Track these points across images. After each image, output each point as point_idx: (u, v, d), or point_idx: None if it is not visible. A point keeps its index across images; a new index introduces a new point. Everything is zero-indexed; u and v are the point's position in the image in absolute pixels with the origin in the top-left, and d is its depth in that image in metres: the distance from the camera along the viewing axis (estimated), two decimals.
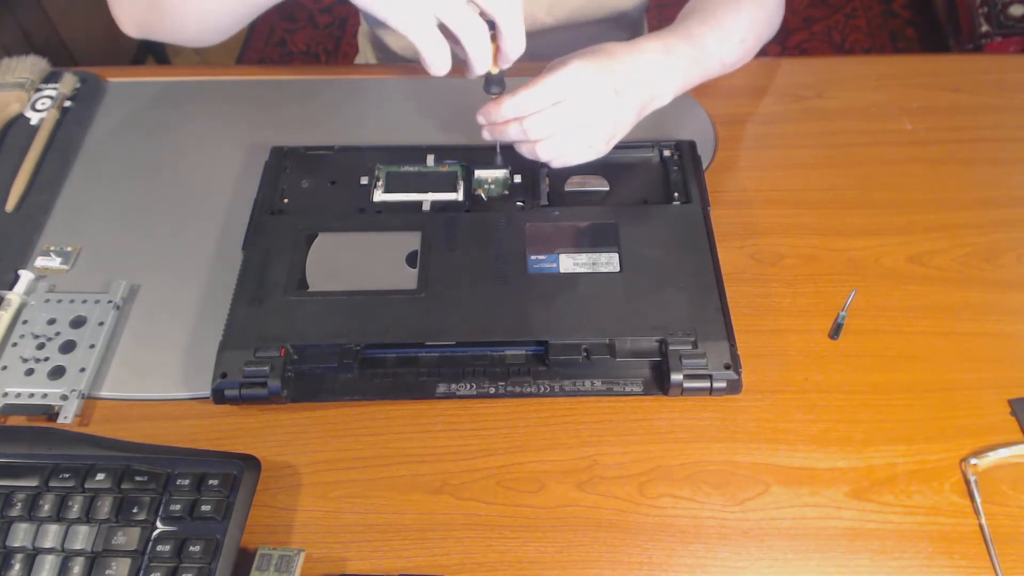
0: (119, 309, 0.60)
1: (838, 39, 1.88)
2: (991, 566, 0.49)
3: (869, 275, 0.62)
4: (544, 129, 0.59)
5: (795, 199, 0.67)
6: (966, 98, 0.74)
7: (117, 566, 0.47)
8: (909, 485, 0.52)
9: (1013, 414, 0.55)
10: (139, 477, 0.49)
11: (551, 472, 0.53)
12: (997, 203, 0.66)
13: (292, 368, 0.55)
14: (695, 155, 0.66)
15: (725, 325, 0.56)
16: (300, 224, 0.62)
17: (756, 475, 0.52)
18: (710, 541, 0.50)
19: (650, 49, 0.63)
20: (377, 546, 0.50)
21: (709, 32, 0.67)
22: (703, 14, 0.68)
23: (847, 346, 0.58)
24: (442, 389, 0.55)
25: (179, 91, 0.76)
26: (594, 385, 0.55)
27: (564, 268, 0.59)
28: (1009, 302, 0.60)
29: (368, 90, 0.75)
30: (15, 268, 0.62)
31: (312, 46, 1.91)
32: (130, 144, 0.71)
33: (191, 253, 0.63)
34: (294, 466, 0.53)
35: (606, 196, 0.65)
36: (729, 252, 0.62)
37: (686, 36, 0.66)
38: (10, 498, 0.49)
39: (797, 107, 0.73)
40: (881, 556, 0.49)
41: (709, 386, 0.54)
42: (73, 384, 0.56)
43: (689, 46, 0.65)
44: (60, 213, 0.66)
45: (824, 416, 0.55)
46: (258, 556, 0.48)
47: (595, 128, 0.61)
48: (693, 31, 0.66)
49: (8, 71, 0.74)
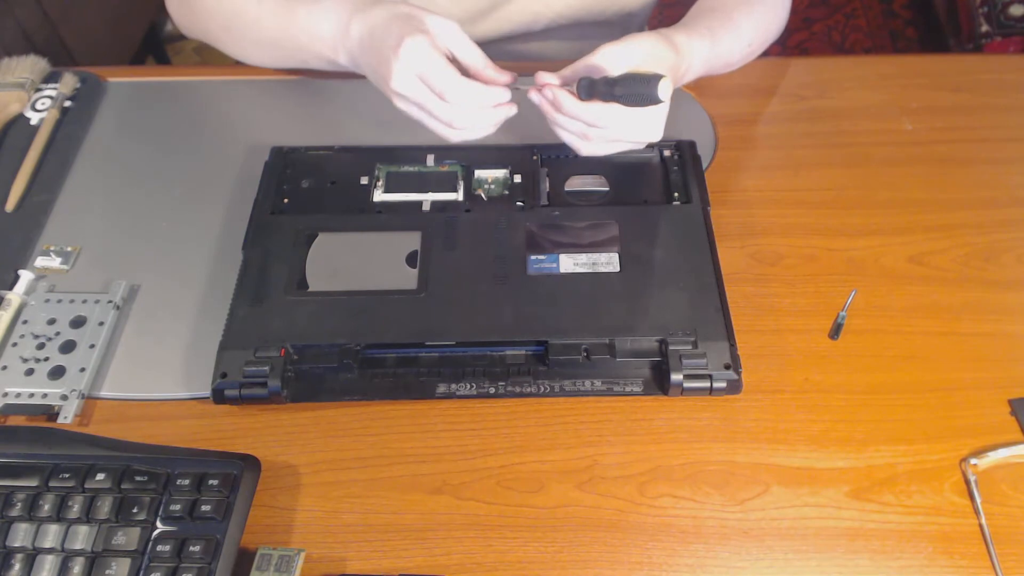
0: (119, 309, 0.60)
1: (838, 39, 1.88)
2: (991, 566, 0.49)
3: (869, 275, 0.62)
4: (613, 135, 0.59)
5: (795, 199, 0.67)
6: (966, 98, 0.74)
7: (117, 566, 0.47)
8: (909, 485, 0.52)
9: (1013, 414, 0.55)
10: (139, 477, 0.49)
11: (551, 472, 0.53)
12: (997, 203, 0.66)
13: (292, 368, 0.55)
14: (695, 155, 0.66)
15: (725, 325, 0.56)
16: (300, 224, 0.62)
17: (756, 475, 0.52)
18: (710, 541, 0.50)
19: (680, 42, 0.62)
20: (377, 546, 0.50)
21: (725, 34, 0.67)
22: (720, 14, 0.67)
23: (847, 346, 0.58)
24: (442, 389, 0.55)
25: (179, 91, 0.76)
26: (594, 385, 0.55)
27: (564, 268, 0.59)
28: (1009, 302, 0.60)
29: (368, 90, 0.75)
30: (15, 268, 0.62)
31: None
32: (130, 144, 0.71)
33: (191, 253, 0.63)
34: (294, 466, 0.53)
35: (606, 196, 0.65)
36: (729, 252, 0.62)
37: (708, 34, 0.65)
38: (10, 498, 0.49)
39: (797, 107, 0.73)
40: (881, 556, 0.49)
41: (709, 386, 0.54)
42: (73, 384, 0.56)
43: (706, 45, 0.64)
44: (60, 213, 0.66)
45: (824, 416, 0.55)
46: (258, 556, 0.48)
47: (658, 126, 0.60)
48: (715, 30, 0.65)
49: (8, 71, 0.74)
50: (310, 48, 0.66)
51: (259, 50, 0.71)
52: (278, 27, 0.67)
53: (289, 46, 0.68)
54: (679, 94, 0.74)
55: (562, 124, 0.59)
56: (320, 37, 0.64)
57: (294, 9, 0.65)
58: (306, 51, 0.67)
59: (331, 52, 0.64)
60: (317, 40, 0.64)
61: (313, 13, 0.64)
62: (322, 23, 0.63)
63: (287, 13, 0.66)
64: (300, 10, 0.65)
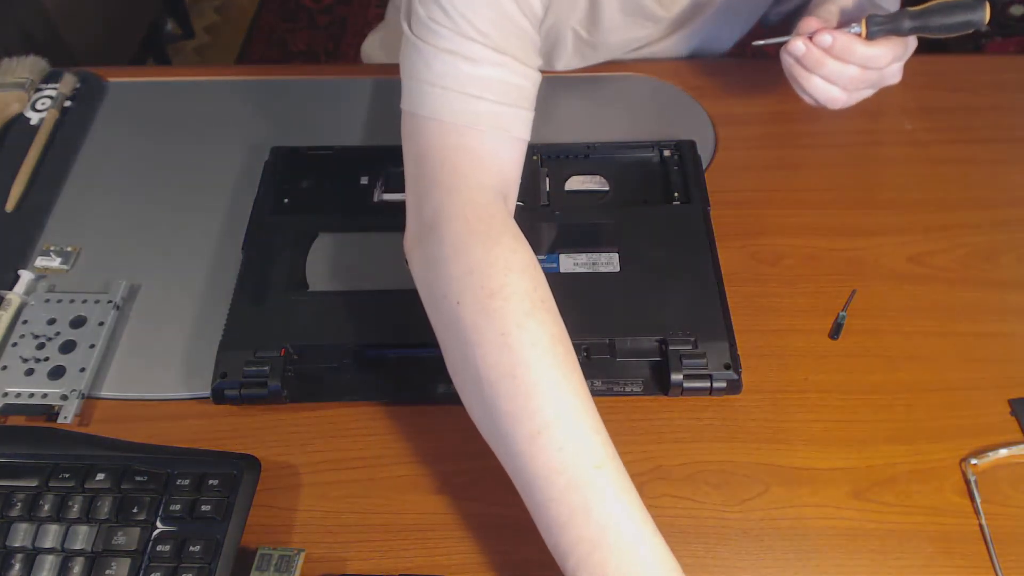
0: (119, 309, 0.60)
1: None
2: (991, 566, 0.49)
3: (869, 275, 0.62)
4: (875, 78, 0.58)
5: (795, 199, 0.67)
6: (966, 98, 0.74)
7: (117, 566, 0.47)
8: (909, 485, 0.52)
9: (1013, 414, 0.55)
10: (139, 477, 0.49)
11: None
12: (997, 203, 0.66)
13: (292, 368, 0.55)
14: (695, 155, 0.66)
15: (725, 325, 0.56)
16: (300, 224, 0.62)
17: (756, 475, 0.52)
18: (710, 541, 0.50)
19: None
20: (377, 546, 0.50)
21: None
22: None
23: (847, 346, 0.58)
24: (442, 389, 0.55)
25: (179, 91, 0.76)
26: (594, 385, 0.55)
27: (564, 268, 0.59)
28: (1009, 302, 0.60)
29: (368, 90, 0.75)
30: (15, 268, 0.62)
31: (312, 46, 1.90)
32: (130, 144, 0.71)
33: (191, 253, 0.63)
34: (294, 466, 0.53)
35: (606, 196, 0.65)
36: (729, 252, 0.62)
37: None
38: (10, 498, 0.49)
39: (797, 107, 0.73)
40: (881, 556, 0.49)
41: (709, 386, 0.54)
42: (73, 384, 0.56)
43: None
44: (60, 213, 0.66)
45: (824, 416, 0.55)
46: (258, 556, 0.48)
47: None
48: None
49: (8, 71, 0.74)
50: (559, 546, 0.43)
51: (499, 440, 0.46)
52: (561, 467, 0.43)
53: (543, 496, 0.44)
54: (679, 94, 0.74)
55: (831, 74, 0.56)
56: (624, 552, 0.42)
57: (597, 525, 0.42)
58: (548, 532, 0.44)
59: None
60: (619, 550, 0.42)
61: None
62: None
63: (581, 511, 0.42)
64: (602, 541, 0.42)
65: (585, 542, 0.42)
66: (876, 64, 0.56)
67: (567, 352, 0.46)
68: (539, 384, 0.44)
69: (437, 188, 0.50)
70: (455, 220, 0.49)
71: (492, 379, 0.45)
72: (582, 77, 0.75)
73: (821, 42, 0.55)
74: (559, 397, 0.44)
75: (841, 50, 0.55)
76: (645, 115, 0.72)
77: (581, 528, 0.42)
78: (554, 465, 0.43)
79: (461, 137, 0.51)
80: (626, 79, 0.75)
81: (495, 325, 0.45)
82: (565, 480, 0.43)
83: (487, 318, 0.45)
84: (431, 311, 0.50)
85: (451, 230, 0.48)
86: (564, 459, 0.43)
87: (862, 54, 0.55)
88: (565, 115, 0.72)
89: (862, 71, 0.56)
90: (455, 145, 0.51)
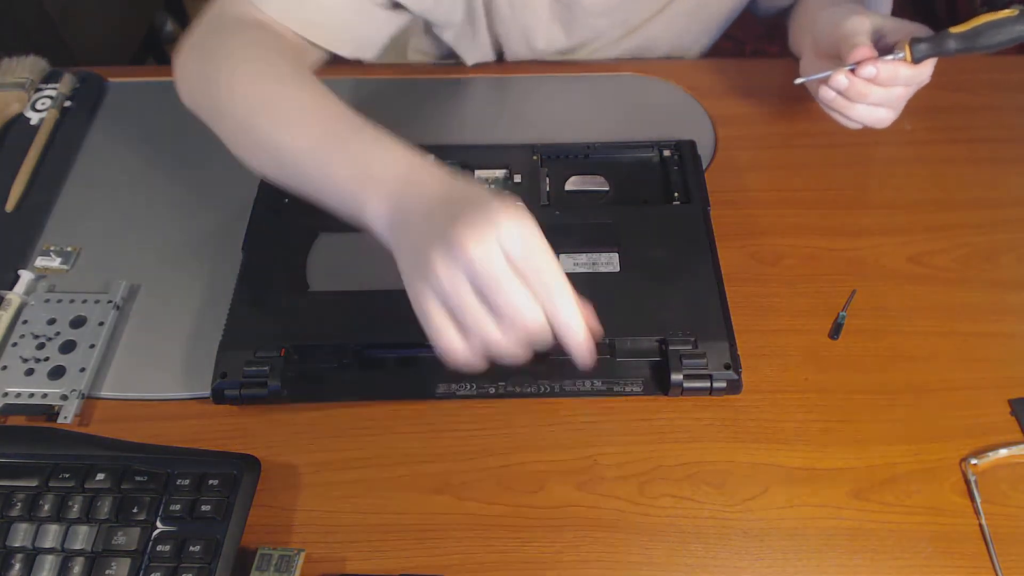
0: (119, 309, 0.60)
1: None
2: (991, 566, 0.49)
3: (869, 275, 0.62)
4: (908, 94, 0.58)
5: (795, 199, 0.67)
6: (966, 98, 0.74)
7: (117, 566, 0.47)
8: (909, 485, 0.52)
9: (1013, 414, 0.55)
10: (139, 477, 0.49)
11: (551, 472, 0.53)
12: (997, 203, 0.66)
13: (292, 368, 0.55)
14: (695, 155, 0.66)
15: (725, 325, 0.56)
16: (300, 224, 0.62)
17: (756, 475, 0.52)
18: (710, 541, 0.50)
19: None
20: (377, 546, 0.50)
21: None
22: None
23: (847, 346, 0.58)
24: (442, 389, 0.55)
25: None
26: (594, 385, 0.55)
27: (564, 268, 0.58)
28: (1009, 302, 0.60)
29: (368, 90, 0.75)
30: (15, 268, 0.62)
31: None
32: (130, 144, 0.71)
33: (191, 253, 0.63)
34: (294, 466, 0.53)
35: (606, 196, 0.65)
36: (729, 252, 0.62)
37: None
38: (10, 498, 0.49)
39: (797, 107, 0.73)
40: (881, 556, 0.49)
41: (709, 386, 0.54)
42: (73, 384, 0.56)
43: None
44: (60, 213, 0.66)
45: (824, 416, 0.55)
46: (258, 556, 0.48)
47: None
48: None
49: (8, 71, 0.74)
50: (337, 177, 0.51)
51: (262, 153, 0.55)
52: (309, 146, 0.52)
53: (310, 167, 0.52)
54: (679, 94, 0.74)
55: (879, 98, 0.56)
56: (369, 173, 0.50)
57: (342, 135, 0.52)
58: (327, 179, 0.52)
59: (366, 191, 0.49)
60: (360, 174, 0.50)
61: (372, 147, 0.51)
62: (383, 158, 0.50)
63: (332, 136, 0.52)
64: (353, 138, 0.52)
65: (351, 158, 0.51)
66: (920, 80, 0.57)
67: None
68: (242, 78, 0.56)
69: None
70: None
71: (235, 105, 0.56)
72: (582, 77, 0.75)
73: (866, 74, 0.55)
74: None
75: (886, 78, 0.55)
76: (645, 115, 0.72)
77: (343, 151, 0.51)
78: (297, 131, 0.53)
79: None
80: (626, 79, 0.76)
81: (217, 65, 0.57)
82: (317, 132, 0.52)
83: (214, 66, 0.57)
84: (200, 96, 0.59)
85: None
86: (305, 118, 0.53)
87: (906, 76, 0.56)
88: (565, 115, 0.72)
89: (907, 89, 0.57)
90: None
